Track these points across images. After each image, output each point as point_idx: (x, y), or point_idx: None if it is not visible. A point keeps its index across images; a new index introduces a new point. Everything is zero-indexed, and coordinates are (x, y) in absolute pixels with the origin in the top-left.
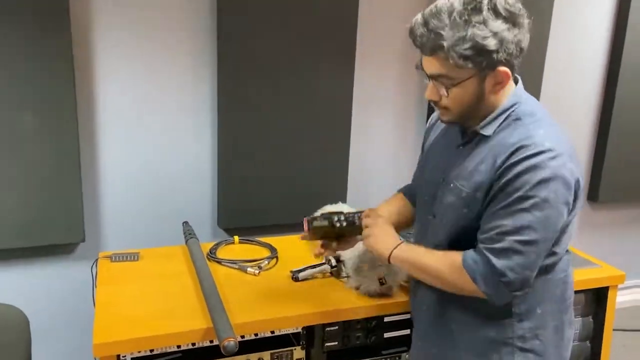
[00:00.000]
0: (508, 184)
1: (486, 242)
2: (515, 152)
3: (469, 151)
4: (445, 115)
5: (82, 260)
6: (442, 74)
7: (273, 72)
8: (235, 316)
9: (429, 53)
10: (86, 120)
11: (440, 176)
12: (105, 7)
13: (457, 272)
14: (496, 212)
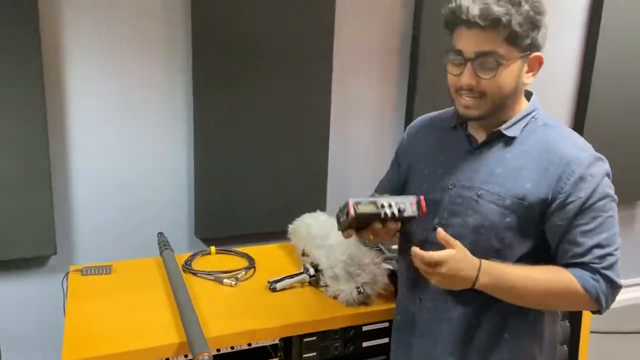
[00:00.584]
0: (590, 200)
1: (597, 261)
2: (579, 165)
3: (488, 155)
4: (476, 108)
5: (54, 273)
6: (493, 51)
7: (250, 80)
8: (210, 329)
9: (486, 25)
10: (57, 129)
11: (447, 182)
12: (76, 17)
13: (574, 291)
14: (591, 229)
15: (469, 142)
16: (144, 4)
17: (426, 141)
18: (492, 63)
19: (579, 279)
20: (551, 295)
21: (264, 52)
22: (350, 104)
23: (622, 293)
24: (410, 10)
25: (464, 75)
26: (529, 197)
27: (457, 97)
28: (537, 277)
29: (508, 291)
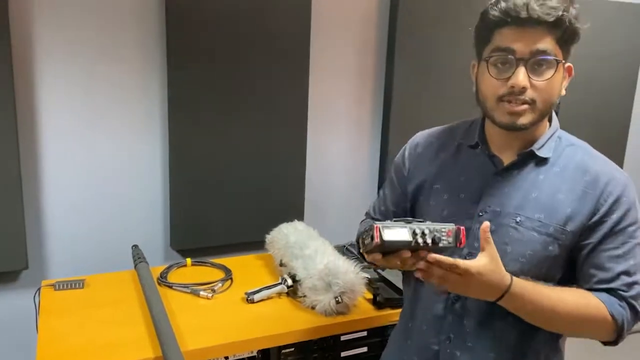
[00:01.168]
0: (621, 223)
1: (625, 289)
2: (616, 186)
3: (519, 178)
4: (524, 116)
5: (26, 288)
6: (549, 50)
7: (226, 91)
8: (186, 343)
9: (549, 22)
10: (28, 141)
11: (475, 208)
12: (46, 29)
13: (602, 318)
14: (620, 254)
15: (493, 163)
16: (117, 12)
17: (439, 160)
18: (549, 63)
19: (607, 305)
20: (579, 320)
21: (240, 63)
22: (327, 114)
23: None
24: (385, 23)
25: (518, 75)
26: (571, 223)
27: (500, 105)
28: (567, 300)
29: (535, 312)
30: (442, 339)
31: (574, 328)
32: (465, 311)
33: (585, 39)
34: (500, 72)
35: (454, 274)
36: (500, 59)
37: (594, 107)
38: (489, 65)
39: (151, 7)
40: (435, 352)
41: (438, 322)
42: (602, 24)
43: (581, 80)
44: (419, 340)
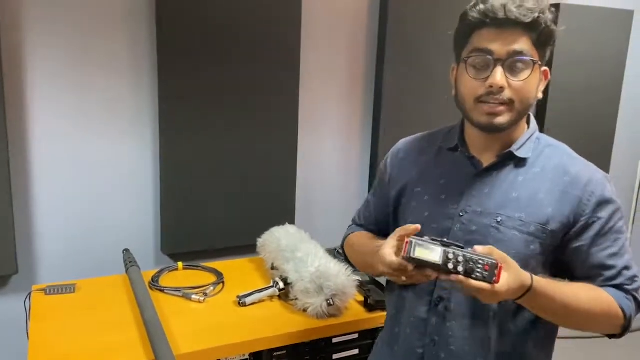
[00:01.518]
0: (610, 222)
1: (629, 283)
2: (597, 186)
3: (499, 178)
4: (502, 116)
5: (16, 293)
6: (526, 51)
7: (217, 94)
8: (179, 347)
9: (523, 24)
10: (17, 145)
11: (456, 209)
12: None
13: (615, 312)
14: (617, 252)
15: (472, 164)
16: (107, 15)
17: (420, 164)
18: (526, 64)
19: (616, 299)
20: (593, 315)
21: (231, 66)
22: (317, 117)
23: None
24: (375, 25)
25: (495, 75)
26: (552, 222)
27: (478, 105)
28: (581, 295)
29: (550, 309)
30: (427, 342)
31: (586, 323)
32: (448, 313)
33: (572, 44)
34: (479, 72)
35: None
36: (479, 60)
37: (581, 110)
38: (467, 66)
39: (141, 10)
40: (420, 355)
41: (422, 325)
42: (589, 29)
43: (568, 84)
44: (404, 345)
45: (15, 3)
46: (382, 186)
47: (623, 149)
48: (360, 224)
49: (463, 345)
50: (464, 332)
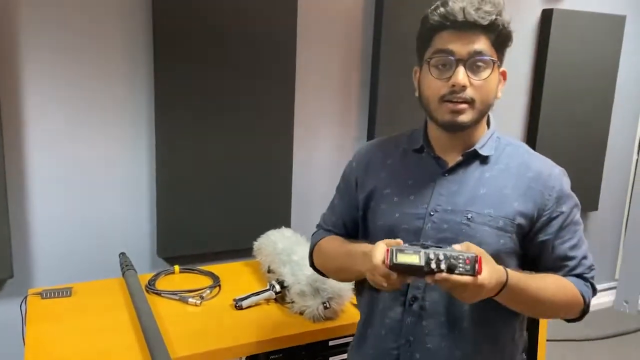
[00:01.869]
0: (570, 214)
1: (587, 271)
2: (557, 181)
3: (466, 176)
4: (465, 114)
5: (11, 297)
6: (486, 51)
7: (213, 97)
8: (176, 350)
9: (482, 26)
10: (13, 149)
11: (426, 209)
12: (31, 32)
13: (578, 299)
14: (576, 243)
15: (438, 164)
16: (104, 16)
17: (387, 167)
18: (485, 63)
19: (577, 287)
20: (558, 303)
21: (227, 69)
22: (313, 121)
23: None
24: (370, 28)
25: (458, 75)
26: (519, 216)
27: (442, 105)
28: (548, 286)
29: (522, 301)
30: (402, 342)
31: (552, 312)
32: (423, 312)
33: (565, 48)
34: (442, 72)
35: (462, 288)
36: (441, 60)
37: (574, 114)
38: (430, 67)
39: (138, 15)
40: (395, 356)
41: (397, 326)
42: (581, 34)
43: (561, 88)
44: (378, 347)
45: (9, 9)
46: (348, 191)
47: (616, 153)
48: (327, 229)
49: (440, 342)
50: (440, 330)
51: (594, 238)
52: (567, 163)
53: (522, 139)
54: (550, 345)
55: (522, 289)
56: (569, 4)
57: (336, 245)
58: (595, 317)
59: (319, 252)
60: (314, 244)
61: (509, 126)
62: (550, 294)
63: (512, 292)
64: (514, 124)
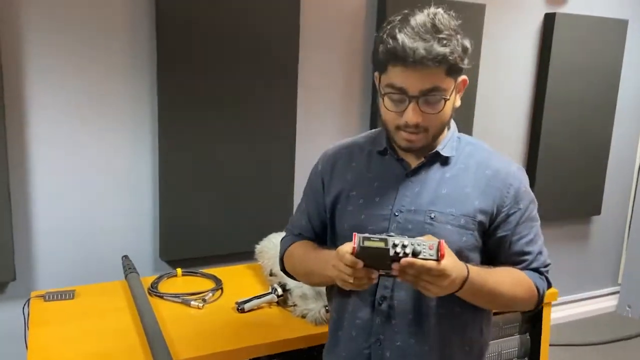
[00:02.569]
0: (527, 211)
1: (542, 266)
2: (514, 178)
3: (428, 177)
4: (419, 141)
5: (14, 300)
6: (438, 87)
7: (216, 100)
8: (178, 353)
9: (434, 63)
10: (17, 151)
11: (391, 209)
12: (35, 35)
13: (533, 292)
14: (532, 238)
15: (402, 166)
16: (108, 19)
17: (352, 168)
18: (438, 99)
19: (532, 280)
20: (515, 297)
21: (230, 72)
22: (315, 123)
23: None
24: (373, 31)
25: (409, 113)
26: (479, 214)
27: (398, 132)
28: (505, 280)
29: (483, 295)
30: (372, 342)
31: (509, 305)
32: (392, 311)
33: (568, 53)
34: (395, 105)
35: (427, 275)
36: (395, 96)
37: (577, 118)
38: (384, 99)
39: (141, 17)
40: (367, 355)
41: (367, 326)
42: (584, 38)
43: (564, 93)
44: (350, 348)
45: (14, 9)
46: (315, 194)
47: (618, 158)
48: (297, 234)
49: (409, 339)
50: (409, 328)
51: (596, 242)
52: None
53: (524, 144)
54: (553, 350)
55: (482, 283)
56: (572, 8)
57: (305, 250)
58: (598, 322)
59: (289, 257)
60: (284, 249)
61: (510, 131)
62: (507, 288)
63: (473, 287)
64: (516, 129)
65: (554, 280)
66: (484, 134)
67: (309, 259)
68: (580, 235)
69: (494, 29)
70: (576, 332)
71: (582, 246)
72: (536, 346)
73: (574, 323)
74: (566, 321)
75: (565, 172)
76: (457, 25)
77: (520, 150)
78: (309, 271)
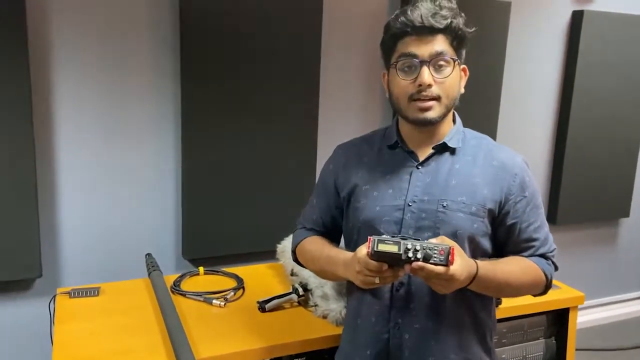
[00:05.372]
0: (532, 199)
1: (549, 251)
2: (519, 168)
3: (438, 168)
4: (433, 110)
5: (40, 296)
6: (445, 51)
7: (238, 103)
8: (200, 351)
9: (440, 29)
10: (44, 150)
11: (404, 200)
12: (63, 42)
13: (540, 278)
14: (539, 225)
15: (412, 158)
16: (133, 26)
17: (364, 164)
18: (447, 62)
19: (540, 266)
20: (523, 284)
21: (252, 75)
22: (336, 123)
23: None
24: None
25: (423, 75)
26: (488, 202)
27: (411, 103)
28: (514, 270)
29: (492, 287)
30: (391, 326)
31: (518, 292)
32: (410, 296)
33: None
34: (407, 74)
35: (436, 278)
36: (407, 63)
37: (605, 116)
38: (397, 70)
39: (166, 20)
40: (385, 339)
41: (386, 311)
42: (612, 35)
43: (592, 90)
44: (368, 333)
45: (42, 14)
46: (327, 192)
47: None
48: (309, 229)
49: (427, 322)
50: (426, 311)
51: (625, 245)
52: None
53: (550, 144)
54: (579, 354)
55: (491, 277)
56: (600, 5)
57: (317, 248)
58: (625, 327)
59: (302, 251)
60: (297, 243)
61: (536, 131)
62: (515, 277)
63: (482, 281)
64: (543, 129)
65: (581, 283)
66: (510, 134)
67: (320, 258)
68: (607, 238)
69: (519, 26)
70: (603, 337)
71: (610, 249)
72: (562, 351)
73: (601, 327)
74: (593, 325)
75: (593, 173)
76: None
77: (547, 150)
78: (321, 269)
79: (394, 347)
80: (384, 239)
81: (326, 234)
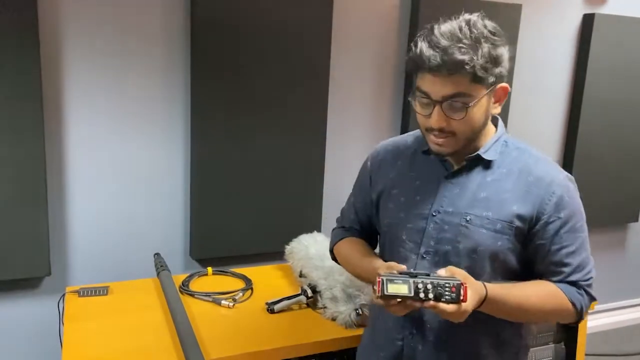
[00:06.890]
0: (570, 221)
1: (582, 279)
2: (558, 186)
3: (469, 179)
4: (447, 146)
5: (48, 295)
6: (460, 93)
7: (247, 103)
8: (209, 352)
9: (450, 71)
10: (53, 148)
11: (429, 210)
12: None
13: (566, 307)
14: (575, 250)
15: (444, 167)
16: (144, 27)
17: (397, 167)
18: (461, 105)
19: (566, 294)
20: (543, 311)
21: (262, 77)
22: (345, 125)
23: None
24: (406, 32)
25: (433, 118)
26: (517, 219)
27: (428, 135)
28: (531, 295)
29: (504, 311)
30: (406, 334)
31: (538, 319)
32: (424, 309)
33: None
34: (424, 109)
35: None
36: (422, 100)
37: (616, 121)
38: (415, 102)
39: (177, 20)
40: (399, 347)
41: (401, 319)
42: (624, 39)
43: (602, 95)
44: (385, 337)
45: (54, 13)
46: (363, 189)
47: None
48: (347, 228)
49: (441, 335)
50: (440, 324)
51: (633, 250)
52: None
53: (560, 147)
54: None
55: (503, 301)
56: (611, 9)
57: (352, 252)
58: (635, 332)
59: (338, 252)
60: (335, 242)
61: (546, 134)
62: (531, 303)
63: (493, 305)
64: (552, 132)
65: None
66: (519, 136)
67: (355, 264)
68: (616, 242)
69: (530, 29)
70: (613, 342)
71: (619, 253)
72: (571, 356)
73: (611, 332)
74: (602, 330)
75: (602, 177)
76: (491, 32)
77: (557, 154)
78: (357, 274)
79: (407, 356)
80: (392, 277)
81: (363, 233)
